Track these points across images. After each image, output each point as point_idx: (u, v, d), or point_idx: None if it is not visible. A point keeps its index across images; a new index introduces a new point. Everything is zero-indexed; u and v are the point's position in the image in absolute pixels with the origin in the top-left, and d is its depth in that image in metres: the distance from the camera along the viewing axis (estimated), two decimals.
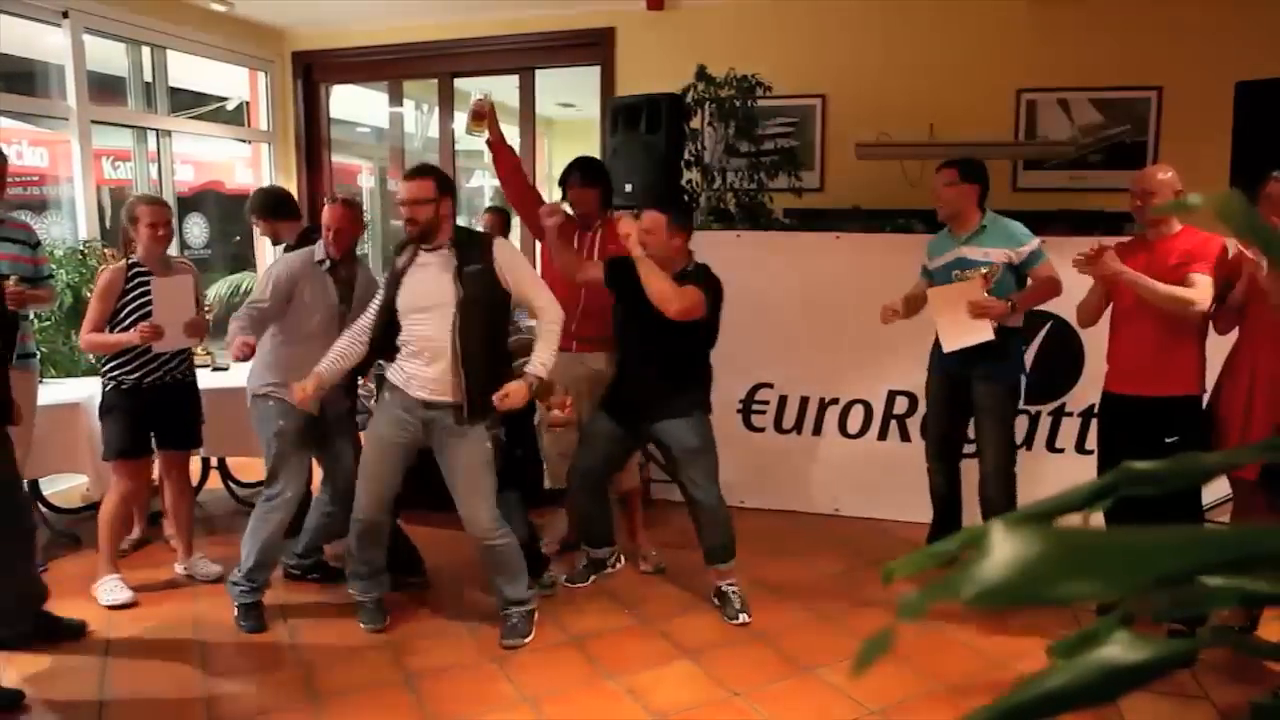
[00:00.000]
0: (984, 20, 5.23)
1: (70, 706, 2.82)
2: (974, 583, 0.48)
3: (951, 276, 3.56)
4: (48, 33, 5.16)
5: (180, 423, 3.65)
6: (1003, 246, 3.51)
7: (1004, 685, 0.51)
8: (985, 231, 3.55)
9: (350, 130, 8.44)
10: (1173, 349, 3.15)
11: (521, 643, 3.19)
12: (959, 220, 3.59)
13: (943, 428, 3.77)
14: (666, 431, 3.39)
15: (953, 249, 3.60)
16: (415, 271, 3.13)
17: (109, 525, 3.52)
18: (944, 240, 3.68)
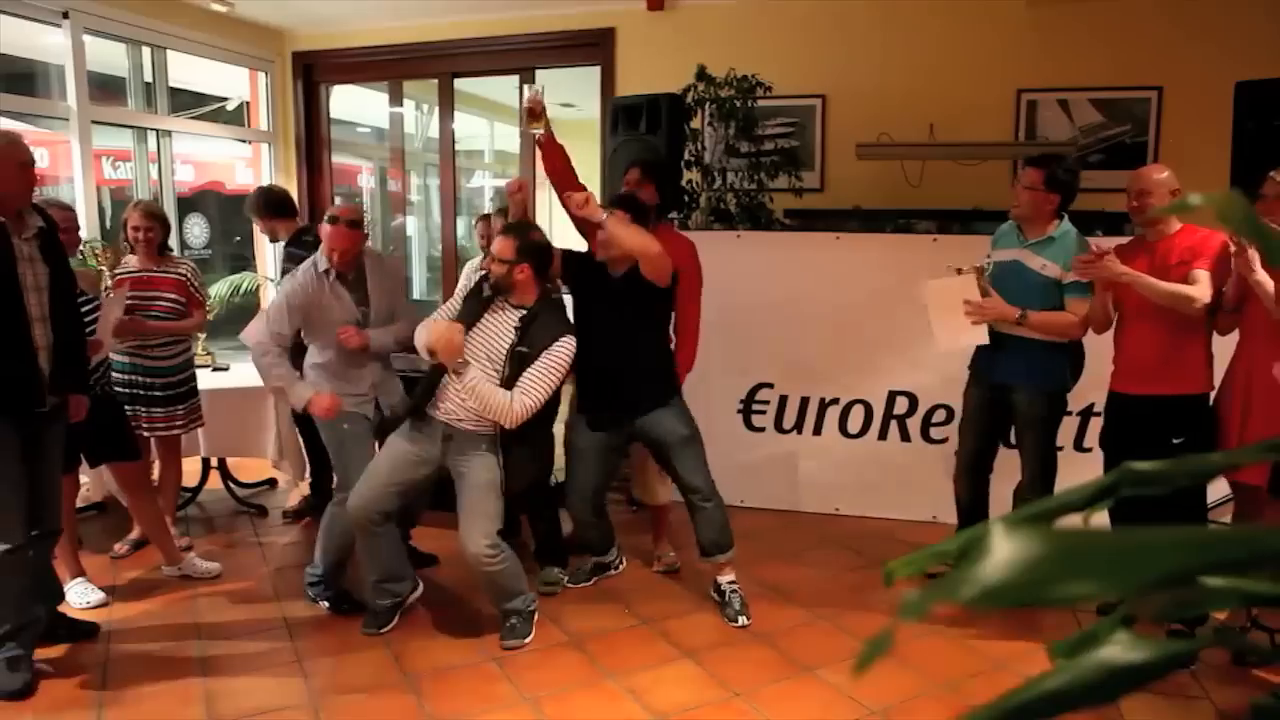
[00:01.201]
0: (984, 20, 5.23)
1: (70, 706, 2.81)
2: (974, 584, 0.48)
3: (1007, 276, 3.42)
4: (48, 33, 5.16)
5: (114, 435, 3.56)
6: (1060, 264, 3.34)
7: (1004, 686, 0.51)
8: (1054, 243, 3.38)
9: (350, 130, 8.45)
10: (1179, 348, 3.13)
11: (521, 644, 3.19)
12: (1031, 224, 3.43)
13: (979, 441, 3.63)
14: (654, 423, 3.37)
15: (1015, 248, 3.46)
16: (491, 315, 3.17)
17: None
18: (1011, 236, 3.53)
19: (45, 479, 2.99)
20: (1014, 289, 3.38)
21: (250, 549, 4.21)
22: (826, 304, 4.47)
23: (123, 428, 3.64)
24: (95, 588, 3.55)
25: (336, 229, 3.33)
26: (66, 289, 3.00)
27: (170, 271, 3.98)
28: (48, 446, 2.98)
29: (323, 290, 3.37)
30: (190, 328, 4.09)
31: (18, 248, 2.78)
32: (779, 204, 5.16)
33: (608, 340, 3.32)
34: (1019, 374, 3.43)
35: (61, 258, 2.99)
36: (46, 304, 2.87)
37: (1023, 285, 3.38)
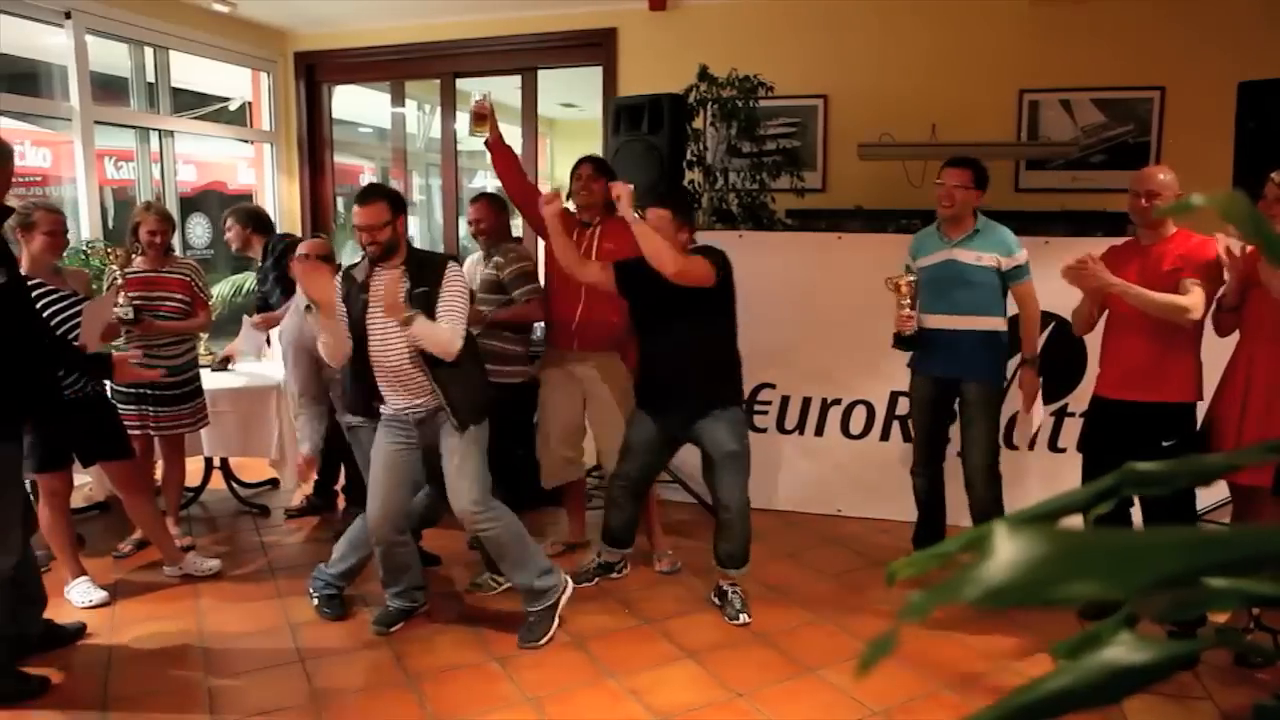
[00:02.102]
0: (986, 20, 5.23)
1: (74, 705, 2.82)
2: (978, 584, 0.48)
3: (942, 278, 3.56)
4: (50, 33, 5.17)
5: (107, 435, 3.57)
6: (995, 252, 3.50)
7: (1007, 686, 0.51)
8: (979, 235, 3.54)
9: (352, 130, 8.45)
10: (1168, 355, 3.13)
11: (537, 644, 3.19)
12: (957, 223, 3.57)
13: (929, 430, 3.75)
14: (707, 432, 3.36)
15: (943, 250, 3.58)
16: (374, 290, 3.14)
17: (52, 534, 3.50)
18: (931, 240, 3.66)
19: None
20: (951, 286, 3.55)
21: (253, 548, 4.21)
22: (828, 304, 4.47)
23: (114, 426, 3.63)
24: (97, 587, 3.56)
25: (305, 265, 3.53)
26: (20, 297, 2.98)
27: (175, 272, 3.99)
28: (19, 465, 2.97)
29: (308, 326, 3.52)
30: (196, 327, 4.11)
31: None
32: (781, 204, 5.16)
33: (665, 345, 3.36)
34: (963, 363, 3.55)
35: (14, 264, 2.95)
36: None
37: (960, 281, 3.53)
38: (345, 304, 3.16)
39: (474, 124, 3.80)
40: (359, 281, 3.15)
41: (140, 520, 3.77)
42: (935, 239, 3.64)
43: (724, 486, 3.38)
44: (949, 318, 3.57)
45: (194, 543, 4.18)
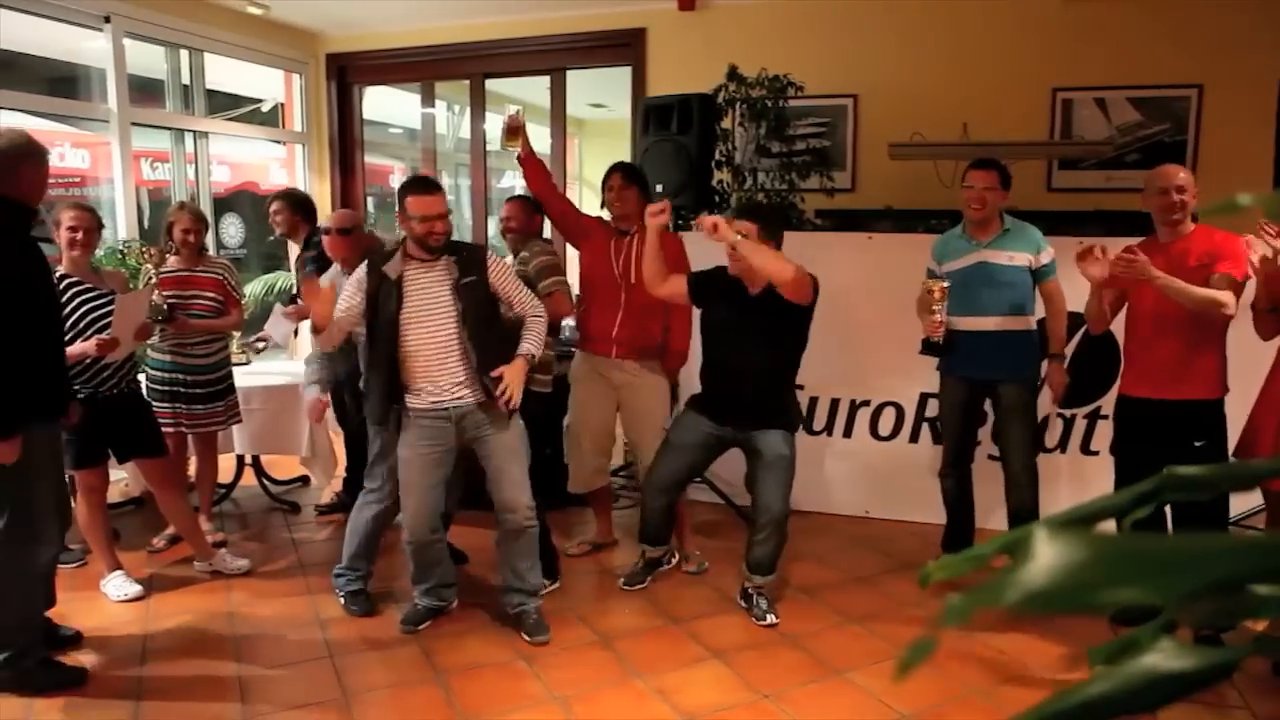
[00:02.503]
0: (1019, 18, 5.17)
1: (108, 697, 2.87)
2: (1018, 588, 0.48)
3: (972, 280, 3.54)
4: (89, 37, 5.26)
5: (141, 432, 3.63)
6: (1026, 251, 3.50)
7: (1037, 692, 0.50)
8: (1009, 235, 3.52)
9: (382, 131, 8.51)
10: (1195, 352, 3.10)
11: (548, 638, 3.22)
12: (985, 225, 3.55)
13: (960, 433, 3.72)
14: (763, 438, 3.33)
15: (972, 252, 3.56)
16: (412, 283, 3.12)
17: (89, 529, 3.56)
18: (958, 243, 3.63)
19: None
20: (983, 288, 3.53)
21: (283, 545, 4.26)
22: (858, 305, 4.43)
23: (148, 424, 3.69)
24: (133, 580, 3.62)
25: (330, 239, 3.64)
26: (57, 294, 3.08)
27: (209, 271, 4.05)
28: (58, 455, 3.03)
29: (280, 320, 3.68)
30: (229, 326, 4.16)
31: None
32: (810, 204, 5.14)
33: (739, 356, 3.30)
34: (996, 364, 3.53)
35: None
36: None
37: (992, 282, 3.52)
38: (376, 299, 3.10)
39: (507, 138, 3.81)
40: (392, 278, 3.10)
41: (173, 516, 3.82)
42: (962, 242, 3.62)
43: (768, 490, 3.34)
44: (981, 319, 3.55)
45: (226, 538, 4.24)
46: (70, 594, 3.61)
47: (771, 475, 3.34)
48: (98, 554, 3.63)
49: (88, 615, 3.41)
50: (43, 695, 2.83)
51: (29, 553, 2.81)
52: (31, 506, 2.80)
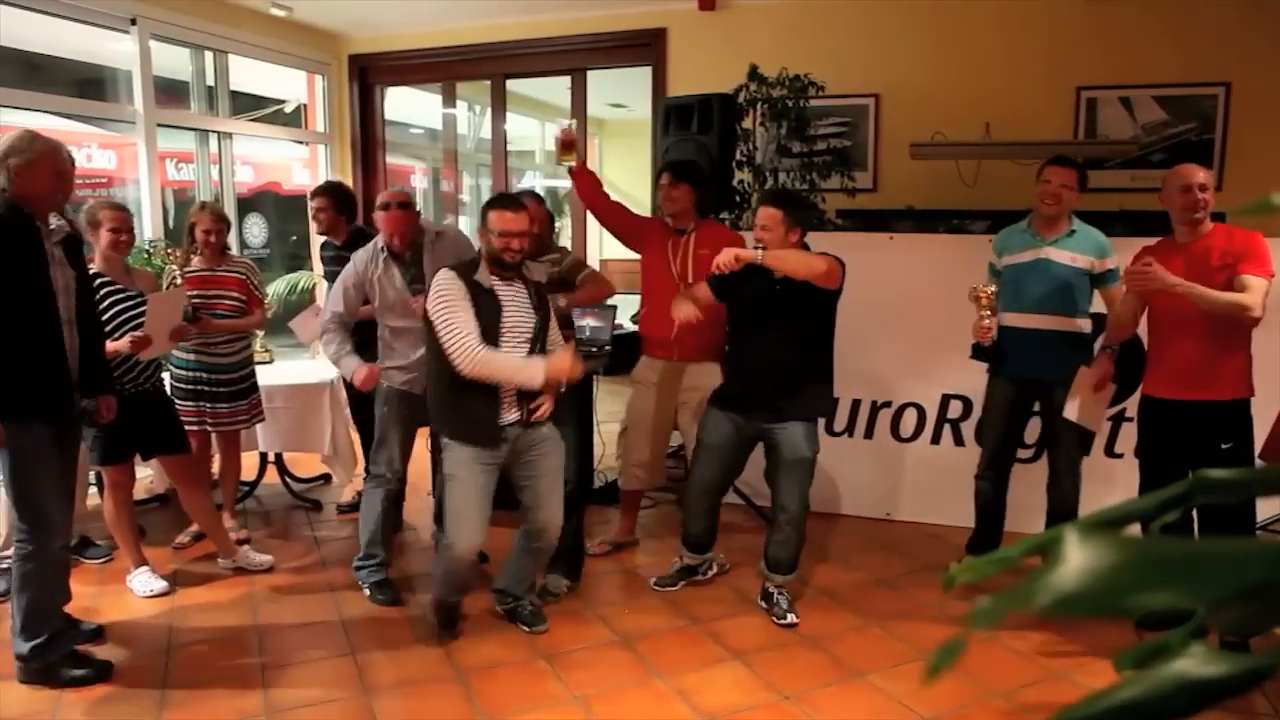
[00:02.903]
0: (1042, 16, 5.13)
1: (135, 689, 2.90)
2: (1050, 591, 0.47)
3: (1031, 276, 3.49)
4: (116, 39, 5.32)
5: (165, 429, 3.66)
6: (1090, 255, 3.44)
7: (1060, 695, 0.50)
8: (1075, 236, 3.47)
9: (404, 131, 8.57)
10: (1219, 352, 3.06)
11: (546, 626, 3.30)
12: (1053, 222, 3.49)
13: (1004, 434, 3.67)
14: (783, 434, 3.31)
15: (1035, 248, 3.50)
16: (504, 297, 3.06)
17: (115, 525, 3.62)
18: (1021, 237, 3.57)
19: (69, 479, 3.08)
20: (1039, 285, 3.48)
21: (305, 542, 4.29)
22: (879, 305, 4.41)
23: (172, 421, 3.72)
24: (158, 576, 3.65)
25: (390, 214, 3.47)
26: (89, 292, 3.09)
27: (232, 271, 4.08)
28: (67, 450, 3.04)
29: (376, 269, 3.50)
30: (252, 325, 4.19)
31: (48, 251, 2.85)
32: (831, 204, 5.12)
33: (765, 346, 3.30)
34: (1050, 366, 3.47)
35: (83, 262, 3.06)
36: (74, 307, 2.94)
37: (1050, 280, 3.47)
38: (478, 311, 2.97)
39: (561, 152, 3.85)
40: (486, 288, 3.02)
41: (196, 513, 3.86)
42: (1026, 236, 3.56)
43: (786, 490, 3.35)
44: (1036, 317, 3.49)
45: (249, 535, 4.27)
46: (97, 588, 3.67)
47: (791, 475, 3.33)
48: (124, 550, 3.68)
49: (114, 610, 3.46)
50: (69, 688, 2.87)
51: (39, 543, 2.86)
52: (37, 498, 2.85)
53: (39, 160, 2.80)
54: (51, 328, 2.84)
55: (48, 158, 2.82)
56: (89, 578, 3.76)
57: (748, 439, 3.44)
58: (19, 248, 2.76)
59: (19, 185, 2.78)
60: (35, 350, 2.81)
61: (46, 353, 2.83)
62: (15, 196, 2.78)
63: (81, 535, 3.97)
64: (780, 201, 3.33)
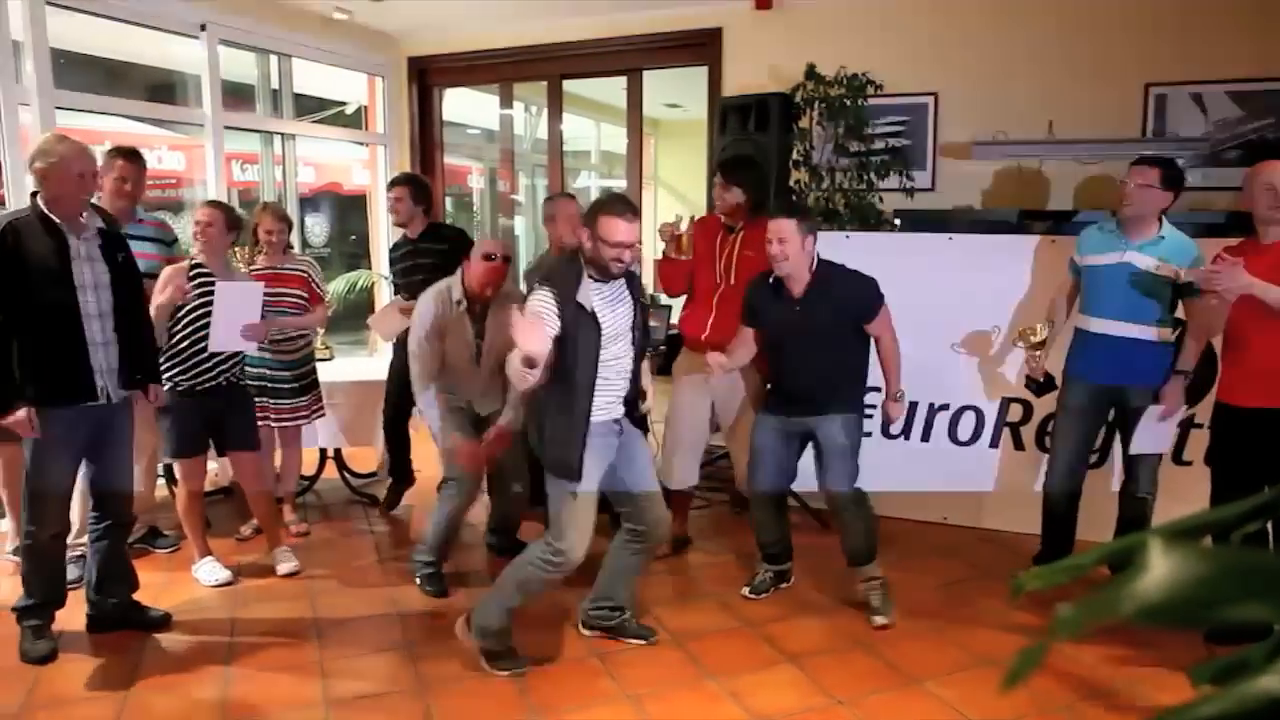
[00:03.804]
0: (1108, 9, 4.99)
1: (200, 676, 2.99)
2: (1134, 600, 0.46)
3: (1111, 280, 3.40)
4: (185, 45, 5.48)
5: (238, 425, 3.72)
6: (1176, 262, 3.31)
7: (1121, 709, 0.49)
8: (1164, 242, 3.34)
9: (461, 132, 8.67)
10: None
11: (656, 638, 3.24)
12: (1139, 224, 3.37)
13: (1080, 439, 3.58)
14: (823, 426, 3.35)
15: (1120, 250, 3.39)
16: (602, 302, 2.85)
17: (186, 517, 3.71)
18: (1108, 238, 3.46)
19: (113, 471, 3.18)
20: (1123, 289, 3.37)
21: (363, 536, 4.37)
22: (937, 306, 4.34)
23: (248, 418, 3.82)
24: (223, 566, 3.75)
25: (495, 266, 3.48)
26: (132, 286, 3.15)
27: (294, 268, 4.17)
28: (114, 440, 3.15)
29: (449, 316, 3.51)
30: (315, 322, 4.28)
31: (75, 247, 2.95)
32: (889, 204, 5.06)
33: (791, 355, 3.36)
34: (1133, 370, 3.38)
35: (124, 256, 3.12)
36: (108, 300, 3.02)
37: (1133, 285, 3.36)
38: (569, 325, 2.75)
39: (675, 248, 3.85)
40: (588, 309, 2.77)
41: (260, 510, 3.92)
42: (1112, 237, 3.45)
43: (831, 479, 3.37)
44: (1117, 323, 3.40)
45: (309, 529, 4.37)
46: (165, 576, 3.78)
47: (833, 465, 3.37)
48: (191, 540, 3.78)
49: (180, 598, 3.56)
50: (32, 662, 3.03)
51: (33, 527, 3.02)
52: (35, 487, 2.98)
53: (63, 163, 2.90)
54: (73, 323, 2.94)
55: (71, 160, 2.92)
56: (157, 566, 3.88)
57: (794, 437, 3.46)
58: (41, 249, 2.87)
59: (48, 188, 2.90)
60: (52, 344, 2.91)
61: (65, 347, 2.94)
62: (46, 200, 2.90)
63: (150, 526, 4.10)
64: (791, 210, 3.35)
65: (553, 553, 2.89)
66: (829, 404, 3.35)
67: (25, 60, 4.44)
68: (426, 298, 3.55)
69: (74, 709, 2.79)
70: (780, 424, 3.45)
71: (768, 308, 3.39)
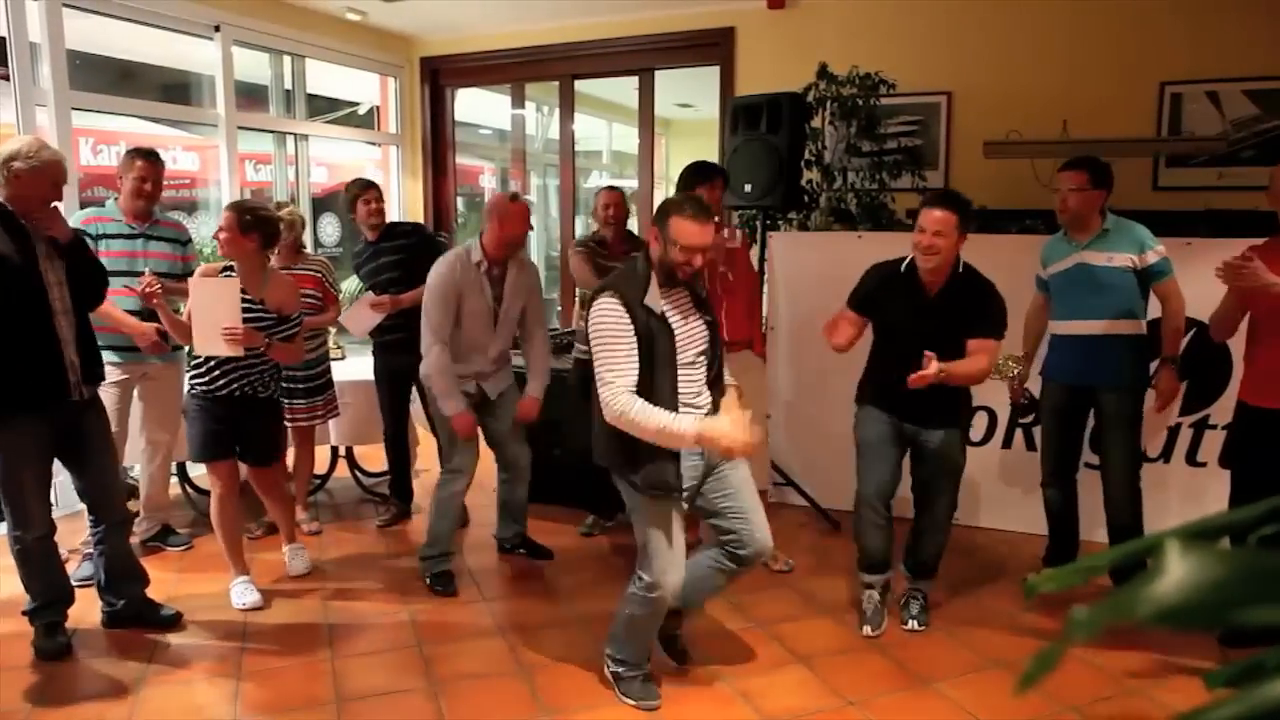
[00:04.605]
0: (1123, 8, 4.96)
1: (212, 675, 3.00)
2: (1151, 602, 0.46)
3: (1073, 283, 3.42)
4: (199, 46, 5.51)
5: (251, 438, 3.53)
6: (1127, 251, 3.36)
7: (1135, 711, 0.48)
8: (1108, 235, 3.39)
9: (473, 132, 8.69)
10: None
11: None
12: (1080, 225, 3.43)
13: (1061, 440, 3.59)
14: (936, 440, 3.16)
15: (1072, 254, 3.45)
16: (671, 307, 2.68)
17: (219, 526, 3.55)
18: (1061, 245, 3.53)
19: (95, 473, 3.16)
20: (1084, 291, 3.41)
21: (374, 536, 4.38)
22: None
23: (271, 432, 3.64)
24: (255, 589, 3.54)
25: (522, 206, 3.55)
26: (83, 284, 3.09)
27: (307, 268, 4.19)
28: (91, 437, 3.12)
29: (469, 278, 3.53)
30: (327, 322, 4.29)
31: (36, 248, 2.94)
32: (901, 204, 5.04)
33: (911, 361, 2.97)
34: (1101, 370, 3.39)
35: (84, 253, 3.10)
36: (68, 298, 3.01)
37: (1092, 285, 3.39)
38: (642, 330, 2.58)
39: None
40: (659, 313, 2.61)
41: (278, 515, 3.87)
42: (1063, 244, 3.52)
43: (937, 498, 3.24)
44: (1081, 323, 3.44)
45: (321, 527, 4.38)
46: (177, 575, 3.80)
47: (942, 481, 3.22)
48: (225, 552, 3.59)
49: (193, 598, 3.57)
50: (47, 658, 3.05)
51: (19, 532, 3.02)
52: (16, 493, 2.98)
53: (44, 169, 2.90)
54: (44, 322, 2.93)
55: (52, 168, 2.93)
56: (169, 565, 3.90)
57: (902, 437, 3.23)
58: (6, 248, 2.86)
59: (17, 187, 2.88)
60: (24, 345, 2.90)
61: (37, 346, 2.93)
62: (8, 198, 2.89)
63: (163, 524, 4.11)
64: (953, 204, 3.04)
65: (644, 587, 2.71)
66: (947, 416, 3.15)
67: (42, 62, 4.48)
68: (442, 262, 3.55)
69: (85, 709, 2.80)
70: (890, 423, 3.21)
71: (893, 298, 3.15)
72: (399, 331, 4.15)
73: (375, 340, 4.41)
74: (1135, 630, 1.24)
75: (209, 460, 3.53)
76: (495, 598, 3.64)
